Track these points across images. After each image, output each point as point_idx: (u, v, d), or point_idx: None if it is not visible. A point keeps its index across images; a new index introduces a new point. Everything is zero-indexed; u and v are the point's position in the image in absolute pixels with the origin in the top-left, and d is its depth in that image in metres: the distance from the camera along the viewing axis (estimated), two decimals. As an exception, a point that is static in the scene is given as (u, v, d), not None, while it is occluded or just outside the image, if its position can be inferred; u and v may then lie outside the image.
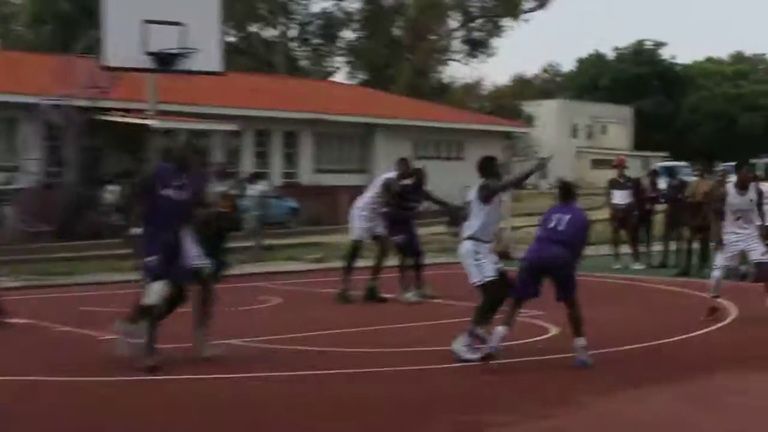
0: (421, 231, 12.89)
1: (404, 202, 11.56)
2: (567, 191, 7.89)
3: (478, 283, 7.77)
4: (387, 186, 11.35)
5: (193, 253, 7.40)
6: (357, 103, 35.53)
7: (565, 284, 7.52)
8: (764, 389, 7.06)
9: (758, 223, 9.83)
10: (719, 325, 9.79)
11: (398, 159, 12.53)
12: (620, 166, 16.43)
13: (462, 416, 6.26)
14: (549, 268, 7.53)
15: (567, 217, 7.69)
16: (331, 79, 51.58)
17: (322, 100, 32.78)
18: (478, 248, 7.77)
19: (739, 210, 9.47)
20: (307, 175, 29.53)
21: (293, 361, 8.08)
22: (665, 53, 66.82)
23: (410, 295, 11.49)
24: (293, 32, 52.44)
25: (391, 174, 11.76)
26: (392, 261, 12.08)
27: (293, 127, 29.71)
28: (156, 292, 7.00)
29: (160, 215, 7.18)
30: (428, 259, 13.14)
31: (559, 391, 7.07)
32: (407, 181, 11.52)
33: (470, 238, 7.84)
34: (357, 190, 11.73)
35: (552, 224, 7.68)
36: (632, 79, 63.60)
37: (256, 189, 18.39)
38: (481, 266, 7.72)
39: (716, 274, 9.69)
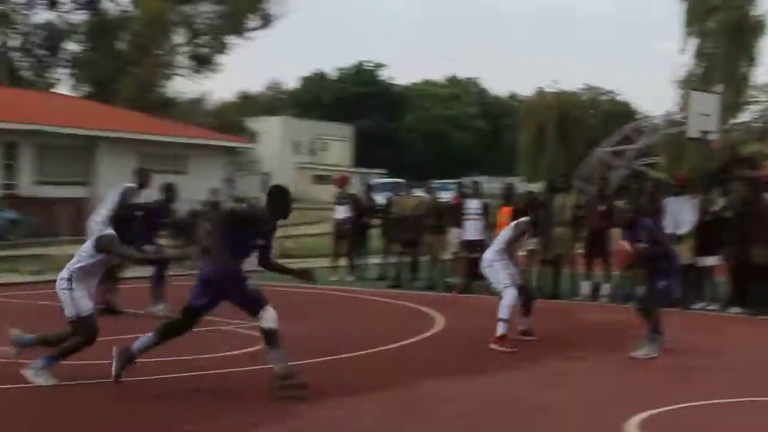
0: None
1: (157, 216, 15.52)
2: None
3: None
4: (123, 195, 15.01)
5: None
6: (79, 115, 44.20)
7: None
8: (465, 395, 9.82)
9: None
10: (427, 335, 13.81)
11: (136, 169, 16.66)
12: (342, 182, 22.73)
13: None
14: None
15: None
16: (54, 90, 61.52)
17: (43, 111, 41.25)
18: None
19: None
20: (27, 187, 38.00)
21: None
22: (384, 74, 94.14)
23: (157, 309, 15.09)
24: (15, 42, 64.02)
25: (130, 184, 15.38)
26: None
27: (12, 137, 37.80)
28: None
29: None
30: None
31: (271, 400, 9.28)
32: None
33: None
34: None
35: None
36: (353, 99, 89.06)
37: None
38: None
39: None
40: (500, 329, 12.68)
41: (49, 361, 9.97)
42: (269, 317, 9.67)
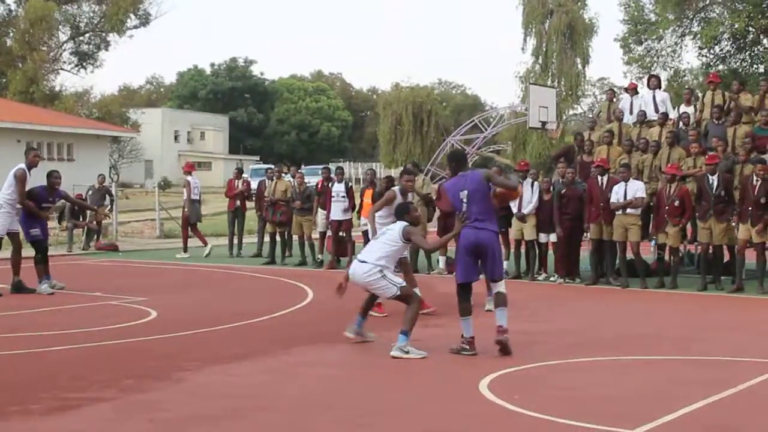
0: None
1: (39, 200, 15.19)
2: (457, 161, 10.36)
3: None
4: (19, 176, 14.88)
5: None
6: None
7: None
8: (330, 359, 9.96)
9: None
10: (299, 306, 13.83)
11: (26, 149, 16.31)
12: (190, 168, 23.49)
13: (64, 393, 8.14)
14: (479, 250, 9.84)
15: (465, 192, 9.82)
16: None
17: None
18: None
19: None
20: None
21: None
22: (255, 70, 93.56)
23: (45, 287, 14.95)
24: None
25: (21, 165, 15.02)
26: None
27: None
28: None
29: None
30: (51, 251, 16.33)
31: (156, 369, 9.21)
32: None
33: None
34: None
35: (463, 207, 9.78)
36: (227, 92, 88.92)
37: None
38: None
39: None
40: None
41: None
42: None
